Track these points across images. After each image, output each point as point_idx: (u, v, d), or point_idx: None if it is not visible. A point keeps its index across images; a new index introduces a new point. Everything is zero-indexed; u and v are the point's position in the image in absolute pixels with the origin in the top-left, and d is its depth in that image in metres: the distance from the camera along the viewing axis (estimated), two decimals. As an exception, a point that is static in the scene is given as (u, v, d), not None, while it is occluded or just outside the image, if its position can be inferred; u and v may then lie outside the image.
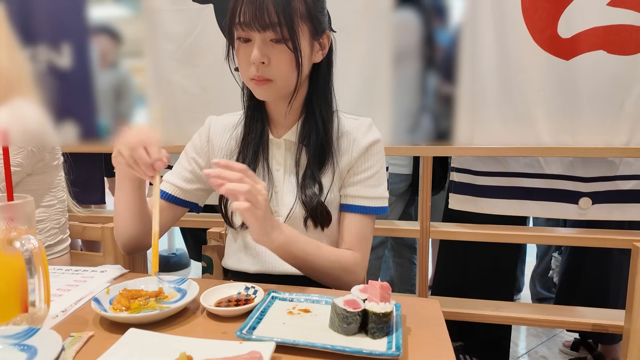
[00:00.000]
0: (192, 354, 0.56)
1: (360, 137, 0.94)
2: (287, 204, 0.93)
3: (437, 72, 1.46)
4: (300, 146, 0.94)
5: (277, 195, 0.94)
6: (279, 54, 0.84)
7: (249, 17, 0.81)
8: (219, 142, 0.99)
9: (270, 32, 0.82)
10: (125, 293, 0.73)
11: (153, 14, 1.55)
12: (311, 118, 0.93)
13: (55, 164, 1.17)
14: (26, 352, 0.56)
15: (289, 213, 0.92)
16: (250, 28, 0.82)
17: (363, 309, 0.63)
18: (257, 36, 0.83)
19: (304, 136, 0.93)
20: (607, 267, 1.68)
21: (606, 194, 1.45)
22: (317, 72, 0.93)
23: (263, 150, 0.95)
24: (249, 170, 0.75)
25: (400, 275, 2.21)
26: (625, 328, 1.10)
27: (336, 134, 0.94)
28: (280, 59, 0.84)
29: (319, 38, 0.89)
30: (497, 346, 1.74)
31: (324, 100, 0.93)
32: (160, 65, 1.58)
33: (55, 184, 1.18)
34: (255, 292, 0.75)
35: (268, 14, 0.80)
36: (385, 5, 1.41)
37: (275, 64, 0.84)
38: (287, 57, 0.84)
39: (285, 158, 0.95)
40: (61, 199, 1.20)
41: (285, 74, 0.85)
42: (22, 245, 0.61)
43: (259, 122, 0.96)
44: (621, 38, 1.30)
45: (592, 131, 1.36)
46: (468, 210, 1.54)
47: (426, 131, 1.47)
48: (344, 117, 0.97)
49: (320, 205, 0.91)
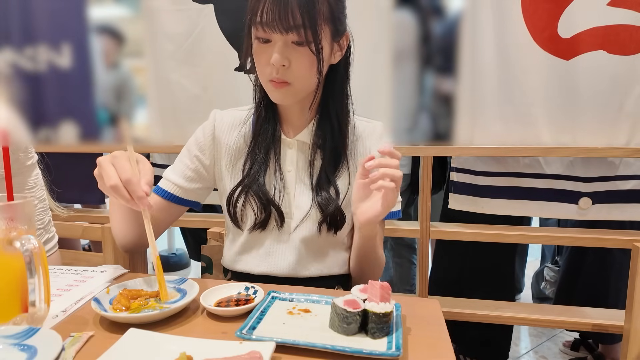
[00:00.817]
0: (192, 354, 0.56)
1: (375, 145, 0.94)
2: (300, 206, 0.92)
3: (437, 72, 1.46)
4: (314, 148, 0.92)
5: (289, 197, 0.92)
6: (300, 56, 0.81)
7: (271, 18, 0.77)
8: (226, 139, 0.96)
9: (294, 34, 0.79)
10: (125, 293, 0.73)
11: (153, 14, 1.56)
12: (326, 119, 0.91)
13: (30, 163, 1.15)
14: (26, 352, 0.56)
15: (304, 216, 0.91)
16: (273, 29, 0.79)
17: (363, 309, 0.63)
18: (279, 38, 0.80)
19: (318, 137, 0.92)
20: (608, 267, 1.68)
21: (606, 194, 1.45)
22: (334, 73, 0.91)
23: (275, 150, 0.93)
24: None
25: (400, 275, 2.20)
26: (626, 328, 1.10)
27: (352, 137, 0.94)
28: (301, 62, 0.82)
29: (338, 39, 0.87)
30: (494, 348, 1.74)
31: (340, 102, 0.92)
32: (160, 65, 1.58)
33: (33, 183, 1.17)
34: (255, 292, 0.75)
35: (292, 16, 0.77)
36: (385, 5, 1.41)
37: (295, 67, 0.82)
38: (308, 60, 0.82)
39: (297, 159, 0.93)
40: (41, 199, 1.19)
41: (305, 77, 0.84)
42: (22, 245, 0.61)
43: (270, 122, 0.93)
44: (621, 38, 1.30)
45: (592, 131, 1.37)
46: (468, 210, 1.54)
47: (426, 131, 1.47)
48: (357, 119, 0.96)
49: (337, 210, 0.90)
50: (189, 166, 0.96)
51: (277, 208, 0.91)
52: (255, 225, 0.92)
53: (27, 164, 1.15)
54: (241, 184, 0.92)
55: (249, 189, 0.91)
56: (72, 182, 1.84)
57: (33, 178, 1.17)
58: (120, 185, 0.69)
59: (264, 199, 0.90)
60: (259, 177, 0.91)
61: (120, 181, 0.69)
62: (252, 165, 0.93)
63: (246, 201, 0.92)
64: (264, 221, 0.92)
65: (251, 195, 0.91)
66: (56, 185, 1.34)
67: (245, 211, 0.93)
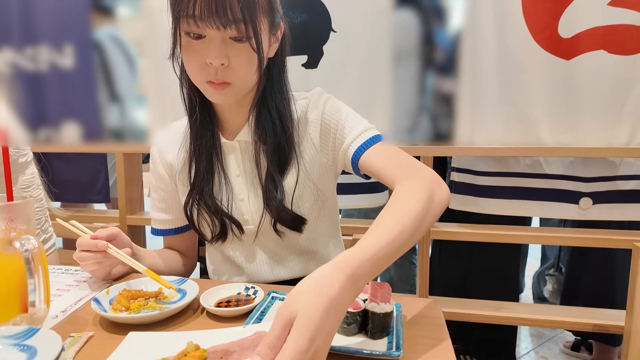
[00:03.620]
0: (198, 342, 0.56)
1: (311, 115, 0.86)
2: (257, 210, 0.87)
3: (437, 72, 1.45)
4: (257, 145, 0.85)
5: (244, 204, 0.88)
6: (240, 53, 0.75)
7: (207, 11, 0.70)
8: (171, 157, 0.92)
9: (232, 29, 0.72)
10: (125, 293, 0.73)
11: (153, 14, 1.55)
12: (266, 115, 0.84)
13: (23, 160, 1.14)
14: (26, 352, 0.56)
15: (260, 221, 0.87)
16: (209, 25, 0.71)
17: (363, 309, 0.63)
18: (216, 34, 0.73)
19: (259, 134, 0.84)
20: (611, 268, 1.67)
21: (607, 194, 1.45)
22: (270, 67, 0.84)
23: (217, 157, 0.87)
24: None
25: (400, 275, 2.20)
26: (626, 328, 1.10)
27: (292, 124, 0.86)
28: (241, 59, 0.75)
29: (275, 32, 0.81)
30: (502, 348, 1.74)
31: (279, 95, 0.85)
32: (160, 65, 1.58)
33: (28, 182, 1.16)
34: (255, 292, 0.75)
35: (231, 9, 0.70)
36: (385, 5, 1.40)
37: (235, 65, 0.75)
38: (248, 56, 0.75)
39: (243, 162, 0.88)
40: (38, 198, 1.19)
41: (246, 75, 0.77)
42: (22, 246, 0.61)
43: (207, 125, 0.86)
44: (622, 38, 1.29)
45: (593, 131, 1.36)
46: (468, 210, 1.53)
47: (426, 131, 1.47)
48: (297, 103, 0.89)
49: (284, 211, 0.84)
50: (159, 199, 0.96)
51: (228, 216, 0.87)
52: (214, 237, 0.90)
53: (20, 162, 1.13)
54: (190, 195, 0.88)
55: (199, 199, 0.87)
56: (74, 182, 1.85)
57: (28, 177, 1.16)
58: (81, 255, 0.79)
59: (212, 209, 0.87)
60: (205, 186, 0.86)
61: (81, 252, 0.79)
62: (196, 174, 0.87)
63: (199, 213, 0.89)
64: (221, 232, 0.88)
65: (202, 206, 0.87)
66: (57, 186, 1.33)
67: (202, 223, 0.90)
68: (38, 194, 1.19)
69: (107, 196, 1.91)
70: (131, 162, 1.74)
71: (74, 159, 1.86)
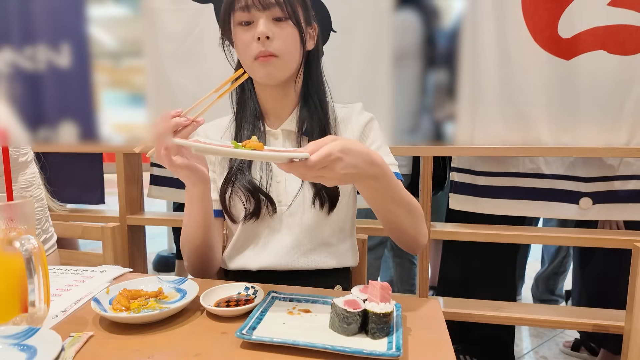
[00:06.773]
0: None
1: (356, 119, 0.96)
2: (291, 192, 0.93)
3: (437, 72, 1.45)
4: (299, 135, 0.94)
5: (279, 185, 0.94)
6: (283, 30, 0.86)
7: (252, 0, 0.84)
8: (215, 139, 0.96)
9: (275, 9, 0.85)
10: (125, 293, 0.73)
11: (153, 14, 1.56)
12: (310, 105, 0.94)
13: (23, 160, 1.14)
14: (26, 352, 0.56)
15: (293, 199, 0.92)
16: (254, 8, 0.85)
17: (363, 309, 0.63)
18: (261, 15, 0.86)
19: (302, 124, 0.93)
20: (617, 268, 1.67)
21: (606, 194, 1.45)
22: (310, 60, 0.95)
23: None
24: None
25: (400, 275, 2.21)
26: (626, 328, 1.10)
27: (334, 122, 0.96)
28: (284, 35, 0.86)
29: (309, 26, 0.92)
30: (500, 347, 1.74)
31: (319, 88, 0.96)
32: (159, 65, 1.58)
33: (28, 181, 1.16)
34: (256, 292, 0.75)
35: None
36: (385, 6, 1.41)
37: (280, 39, 0.86)
38: (291, 33, 0.87)
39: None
40: (38, 198, 1.19)
41: (290, 50, 0.88)
42: (22, 245, 0.61)
43: (251, 117, 0.96)
44: (621, 38, 1.30)
45: (593, 131, 1.36)
46: (469, 210, 1.54)
47: (426, 131, 1.47)
48: (336, 106, 0.99)
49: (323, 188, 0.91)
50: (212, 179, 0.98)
51: (265, 194, 0.92)
52: (247, 215, 0.93)
53: (20, 161, 1.13)
54: (228, 177, 0.94)
55: (236, 180, 0.93)
56: (71, 182, 1.84)
57: (29, 176, 1.16)
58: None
59: (250, 188, 0.92)
60: (245, 169, 0.93)
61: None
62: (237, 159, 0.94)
63: (233, 192, 0.93)
64: (255, 210, 0.92)
65: (238, 186, 0.92)
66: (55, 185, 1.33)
67: (234, 202, 0.94)
68: (39, 193, 1.18)
69: (102, 197, 1.90)
70: (131, 162, 1.74)
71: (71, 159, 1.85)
